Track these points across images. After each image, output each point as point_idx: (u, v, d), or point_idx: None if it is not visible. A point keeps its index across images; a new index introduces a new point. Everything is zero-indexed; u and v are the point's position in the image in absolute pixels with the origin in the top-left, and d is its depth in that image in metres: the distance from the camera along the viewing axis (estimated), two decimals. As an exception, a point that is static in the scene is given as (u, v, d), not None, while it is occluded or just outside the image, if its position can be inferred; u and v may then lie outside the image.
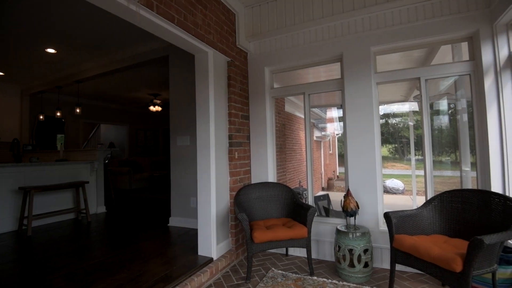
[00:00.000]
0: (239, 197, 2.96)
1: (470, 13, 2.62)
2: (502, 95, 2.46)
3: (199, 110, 2.92)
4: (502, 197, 2.11)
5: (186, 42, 2.70)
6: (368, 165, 2.90)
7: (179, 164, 4.14)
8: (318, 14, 3.17)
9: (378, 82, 2.98)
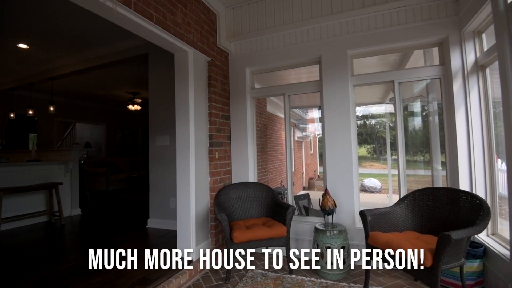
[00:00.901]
0: (219, 197, 2.95)
1: (441, 20, 2.76)
2: (469, 98, 2.61)
3: (179, 109, 2.89)
4: (469, 195, 2.24)
5: (165, 41, 2.66)
6: (345, 165, 2.98)
7: (158, 165, 4.07)
8: (298, 17, 3.23)
9: (355, 85, 3.07)
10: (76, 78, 6.34)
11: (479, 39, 2.59)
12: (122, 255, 2.97)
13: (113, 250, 3.13)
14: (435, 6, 2.78)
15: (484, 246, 2.35)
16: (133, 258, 2.86)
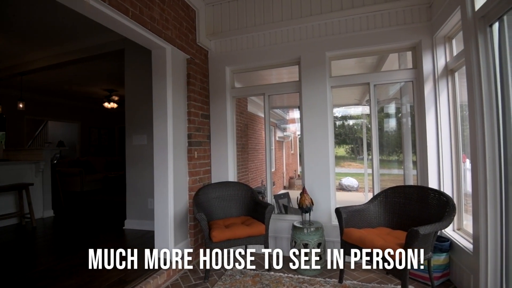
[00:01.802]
0: (198, 197, 2.93)
1: (414, 25, 2.88)
2: (439, 101, 2.75)
3: (156, 108, 2.83)
4: (437, 193, 2.37)
5: (142, 37, 2.60)
6: (322, 164, 3.06)
7: (135, 164, 3.97)
8: (278, 17, 3.26)
9: (333, 86, 3.15)
10: (48, 74, 6.05)
11: (449, 45, 2.73)
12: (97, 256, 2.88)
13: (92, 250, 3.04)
14: (409, 11, 2.90)
15: (450, 241, 2.49)
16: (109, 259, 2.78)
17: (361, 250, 2.22)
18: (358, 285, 2.43)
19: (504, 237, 1.86)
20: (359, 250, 2.24)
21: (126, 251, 3.01)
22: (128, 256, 2.87)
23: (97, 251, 2.97)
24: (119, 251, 2.93)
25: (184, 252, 2.94)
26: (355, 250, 2.28)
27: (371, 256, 2.13)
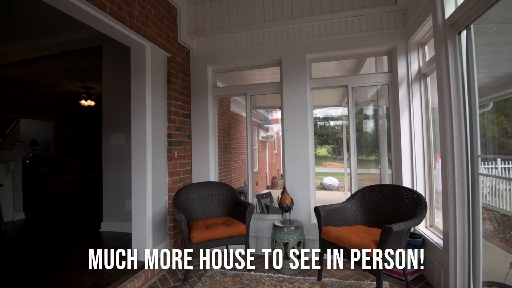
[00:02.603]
0: (178, 198, 2.89)
1: (390, 30, 3.00)
2: (413, 103, 2.88)
3: (135, 106, 2.77)
4: (410, 191, 2.47)
5: (120, 34, 2.54)
6: (303, 164, 3.11)
7: (113, 164, 3.86)
8: (260, 19, 3.28)
9: (313, 87, 3.21)
10: (20, 69, 5.74)
11: (422, 50, 2.86)
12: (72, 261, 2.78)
13: (61, 256, 2.92)
14: (385, 17, 3.01)
15: (423, 237, 2.60)
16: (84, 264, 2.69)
17: (338, 248, 2.28)
18: (336, 282, 2.49)
19: (471, 233, 1.97)
20: (337, 248, 2.30)
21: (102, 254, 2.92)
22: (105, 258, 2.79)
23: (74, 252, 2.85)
24: (94, 253, 2.83)
25: (162, 254, 2.89)
26: (332, 248, 2.34)
27: (348, 254, 2.20)
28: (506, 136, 5.53)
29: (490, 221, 4.72)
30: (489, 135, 4.71)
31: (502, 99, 4.62)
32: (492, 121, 4.93)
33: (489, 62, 3.55)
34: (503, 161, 5.57)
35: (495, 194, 5.54)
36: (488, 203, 5.69)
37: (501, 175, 4.97)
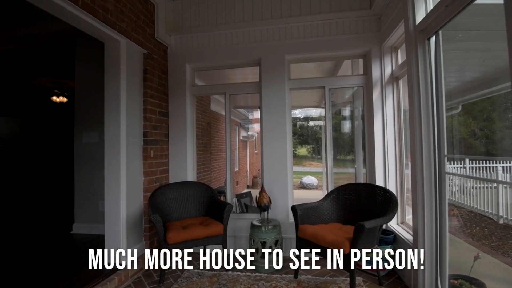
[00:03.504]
0: (154, 198, 2.82)
1: (365, 34, 3.09)
2: (386, 105, 2.99)
3: (108, 103, 2.67)
4: (383, 190, 2.57)
5: (93, 28, 2.44)
6: (281, 163, 3.14)
7: (85, 164, 3.70)
8: (240, 18, 3.27)
9: (291, 88, 3.25)
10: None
11: (395, 54, 2.98)
12: (41, 265, 2.64)
13: (29, 260, 2.77)
14: (361, 21, 3.10)
15: (394, 234, 2.71)
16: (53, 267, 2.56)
17: (314, 245, 2.33)
18: (312, 279, 2.53)
19: (439, 228, 2.07)
20: (313, 245, 2.34)
21: (74, 257, 2.81)
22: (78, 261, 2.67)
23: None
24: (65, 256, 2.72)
25: (139, 256, 2.82)
26: (308, 246, 2.38)
27: (324, 251, 2.25)
28: (474, 137, 5.85)
29: (458, 218, 5.00)
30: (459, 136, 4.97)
31: (471, 102, 4.88)
32: (461, 123, 5.21)
33: (459, 67, 3.76)
34: (471, 160, 5.91)
35: (463, 192, 5.87)
36: (457, 200, 6.02)
37: (469, 174, 5.28)
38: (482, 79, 3.84)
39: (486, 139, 5.51)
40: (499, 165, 4.18)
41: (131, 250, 2.74)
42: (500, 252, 2.98)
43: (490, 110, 4.07)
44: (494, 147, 3.90)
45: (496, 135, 3.56)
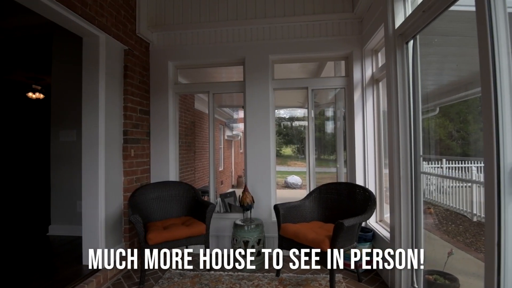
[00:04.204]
0: (134, 198, 2.76)
1: (348, 37, 3.15)
2: (366, 107, 3.06)
3: (86, 101, 2.59)
4: (362, 189, 2.63)
5: (71, 22, 2.35)
6: (264, 163, 3.16)
7: (62, 163, 3.56)
8: (224, 16, 3.25)
9: (275, 88, 3.27)
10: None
11: (376, 57, 3.06)
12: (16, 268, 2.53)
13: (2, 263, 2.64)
14: (344, 24, 3.16)
15: (373, 231, 2.78)
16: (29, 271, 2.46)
17: (296, 243, 2.35)
18: (294, 277, 2.56)
19: (414, 226, 2.15)
20: (294, 244, 2.37)
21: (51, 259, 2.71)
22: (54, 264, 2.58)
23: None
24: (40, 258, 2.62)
25: (117, 257, 2.75)
26: (290, 244, 2.41)
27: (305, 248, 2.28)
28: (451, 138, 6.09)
29: (435, 215, 5.20)
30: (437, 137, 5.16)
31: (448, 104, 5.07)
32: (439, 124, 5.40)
33: (437, 71, 3.91)
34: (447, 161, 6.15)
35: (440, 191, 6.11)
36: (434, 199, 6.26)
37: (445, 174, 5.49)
38: (458, 82, 4.02)
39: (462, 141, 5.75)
40: (473, 165, 4.38)
41: (110, 251, 2.67)
42: (473, 248, 3.12)
43: (466, 113, 4.26)
44: (470, 148, 4.08)
45: (471, 137, 3.71)
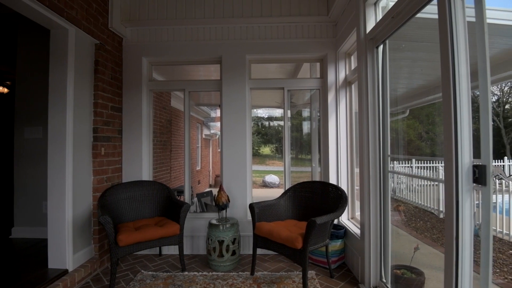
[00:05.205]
0: (104, 198, 2.67)
1: (323, 39, 3.23)
2: (339, 108, 3.16)
3: (53, 96, 2.46)
4: (335, 187, 2.71)
5: (38, 14, 2.22)
6: (240, 162, 3.16)
7: (27, 161, 3.36)
8: (200, 14, 3.22)
9: (252, 88, 3.29)
10: None
11: (349, 60, 3.16)
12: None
13: None
14: (319, 27, 3.24)
15: (345, 228, 2.88)
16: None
17: (270, 242, 2.38)
18: (268, 275, 2.59)
19: (382, 222, 2.25)
20: (269, 242, 2.40)
21: (14, 263, 2.54)
22: (17, 268, 2.42)
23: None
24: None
25: (87, 260, 2.64)
26: (265, 242, 2.44)
27: (279, 247, 2.32)
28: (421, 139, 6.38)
29: (401, 213, 5.46)
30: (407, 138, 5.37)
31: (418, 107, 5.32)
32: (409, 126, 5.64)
33: (407, 75, 4.11)
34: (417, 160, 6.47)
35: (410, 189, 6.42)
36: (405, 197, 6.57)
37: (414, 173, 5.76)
38: (427, 86, 4.26)
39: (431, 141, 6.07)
40: (440, 165, 4.64)
41: (79, 254, 2.56)
42: (440, 244, 3.31)
43: (434, 115, 4.51)
44: (437, 149, 4.33)
45: (439, 138, 3.93)
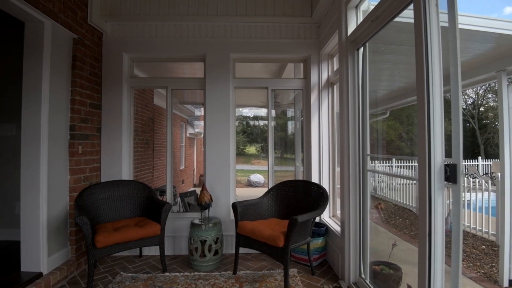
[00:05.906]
0: (82, 198, 2.58)
1: (306, 40, 3.27)
2: (321, 108, 3.21)
3: (27, 92, 2.34)
4: (317, 186, 2.76)
5: (10, 5, 2.12)
6: (224, 161, 3.15)
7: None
8: (184, 11, 3.18)
9: (236, 87, 3.28)
10: None
11: (331, 61, 3.22)
12: None
13: None
14: (303, 28, 3.28)
15: (326, 226, 2.93)
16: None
17: (253, 240, 2.39)
18: (251, 274, 2.60)
19: (362, 220, 2.31)
20: (251, 241, 2.40)
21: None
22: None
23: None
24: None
25: (63, 263, 2.55)
26: (247, 241, 2.44)
27: (261, 245, 2.33)
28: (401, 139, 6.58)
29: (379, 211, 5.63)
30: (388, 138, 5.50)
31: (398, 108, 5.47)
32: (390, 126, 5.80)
33: (387, 77, 4.23)
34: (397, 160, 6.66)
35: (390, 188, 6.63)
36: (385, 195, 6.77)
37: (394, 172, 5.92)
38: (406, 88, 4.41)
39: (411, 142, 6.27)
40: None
41: (54, 257, 2.46)
42: (417, 240, 3.44)
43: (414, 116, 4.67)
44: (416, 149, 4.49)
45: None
